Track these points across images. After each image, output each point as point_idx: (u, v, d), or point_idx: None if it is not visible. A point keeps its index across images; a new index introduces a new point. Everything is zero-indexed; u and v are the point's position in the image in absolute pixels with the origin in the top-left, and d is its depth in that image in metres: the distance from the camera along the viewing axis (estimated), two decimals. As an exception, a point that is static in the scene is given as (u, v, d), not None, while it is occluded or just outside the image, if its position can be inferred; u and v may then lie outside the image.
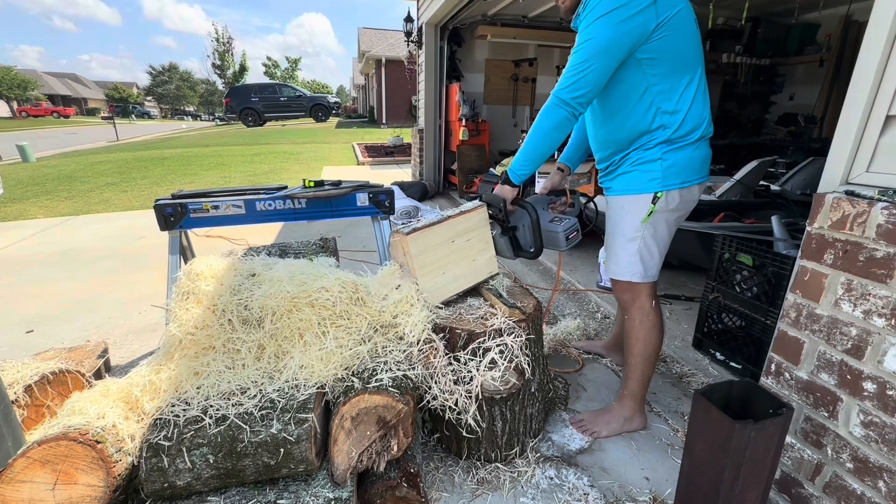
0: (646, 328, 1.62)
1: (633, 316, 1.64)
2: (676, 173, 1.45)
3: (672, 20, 1.31)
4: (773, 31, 4.98)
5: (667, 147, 1.44)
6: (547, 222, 1.70)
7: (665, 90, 1.39)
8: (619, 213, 1.57)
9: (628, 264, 1.57)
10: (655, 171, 1.46)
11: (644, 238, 1.53)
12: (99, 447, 1.07)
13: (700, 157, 1.48)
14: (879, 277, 1.03)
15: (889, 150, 1.06)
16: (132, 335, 2.47)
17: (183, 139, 17.02)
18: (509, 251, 1.73)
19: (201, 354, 1.34)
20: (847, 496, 1.14)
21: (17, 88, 37.32)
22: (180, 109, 60.23)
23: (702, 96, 1.44)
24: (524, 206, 1.65)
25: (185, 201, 1.98)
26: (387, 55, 19.30)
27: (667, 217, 1.52)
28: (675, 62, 1.37)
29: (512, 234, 1.70)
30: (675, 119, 1.41)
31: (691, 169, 1.47)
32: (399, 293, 1.46)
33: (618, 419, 1.71)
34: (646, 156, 1.46)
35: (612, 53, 1.31)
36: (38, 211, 5.43)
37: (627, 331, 1.66)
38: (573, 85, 1.36)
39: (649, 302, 1.62)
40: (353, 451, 1.19)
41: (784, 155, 4.04)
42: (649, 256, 1.56)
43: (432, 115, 6.27)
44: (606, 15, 1.28)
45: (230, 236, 3.93)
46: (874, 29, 1.05)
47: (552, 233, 1.68)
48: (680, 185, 1.47)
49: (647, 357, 1.65)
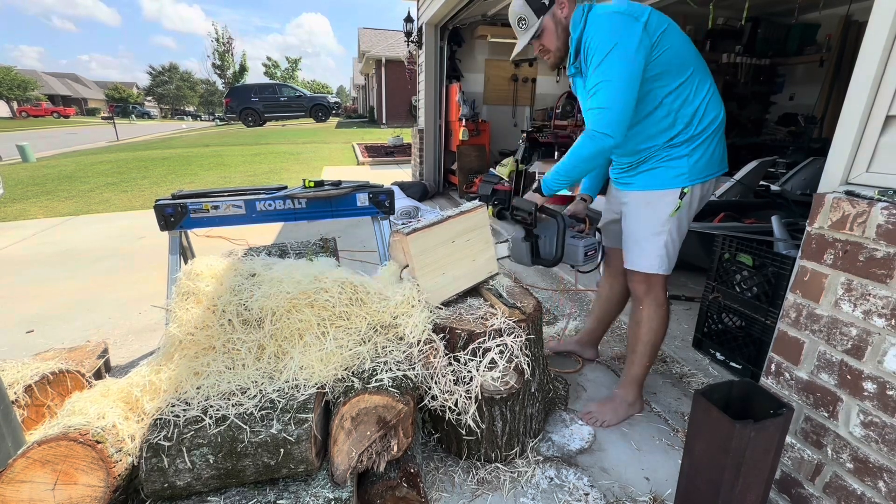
0: (658, 318, 1.68)
1: (646, 306, 1.69)
2: (702, 168, 1.51)
3: (663, 36, 1.39)
4: (773, 31, 4.97)
5: (693, 143, 1.49)
6: (569, 236, 1.73)
7: (680, 97, 1.46)
8: (645, 208, 1.60)
9: (656, 258, 1.61)
10: (682, 166, 1.50)
11: (670, 232, 1.58)
12: (99, 447, 1.07)
13: (720, 150, 1.55)
14: (879, 277, 1.03)
15: (889, 150, 1.06)
16: (132, 335, 2.47)
17: (183, 139, 17.03)
18: (527, 257, 1.75)
19: (201, 355, 1.34)
20: (847, 496, 1.14)
21: (18, 89, 37.30)
22: (180, 109, 60.22)
23: (711, 86, 1.50)
24: (553, 214, 1.68)
25: (185, 201, 1.98)
26: (387, 55, 19.31)
27: (689, 211, 1.58)
28: (681, 70, 1.43)
29: (535, 240, 1.73)
30: (696, 116, 1.47)
31: (713, 162, 1.53)
32: (400, 295, 1.46)
33: (623, 405, 1.78)
34: (673, 153, 1.51)
35: (632, 83, 1.38)
36: (38, 211, 5.43)
37: (637, 320, 1.71)
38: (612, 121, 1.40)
39: (663, 294, 1.68)
40: (353, 452, 1.19)
41: (784, 155, 4.03)
42: (673, 250, 1.62)
43: (432, 115, 6.27)
44: (610, 53, 1.35)
45: (230, 236, 3.93)
46: (874, 29, 1.05)
47: (572, 246, 1.71)
48: (703, 179, 1.53)
49: (655, 345, 1.72)
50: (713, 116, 1.49)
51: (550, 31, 1.53)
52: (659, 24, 1.39)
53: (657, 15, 1.41)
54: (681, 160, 1.50)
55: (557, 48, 1.56)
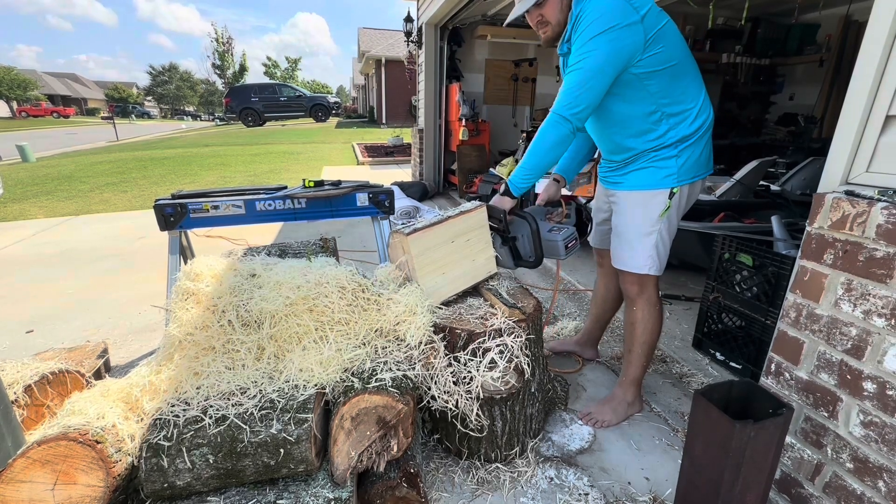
0: (652, 319, 1.69)
1: (639, 307, 1.69)
2: (689, 169, 1.51)
3: (660, 33, 1.37)
4: (773, 31, 4.98)
5: (682, 145, 1.48)
6: (546, 232, 1.72)
7: (671, 98, 1.45)
8: (634, 208, 1.60)
9: (647, 258, 1.61)
10: (671, 167, 1.50)
11: (660, 232, 1.58)
12: (99, 447, 1.07)
13: (707, 152, 1.56)
14: (879, 277, 1.03)
15: (889, 150, 1.06)
16: (132, 335, 2.47)
17: (183, 139, 17.02)
18: (510, 261, 1.75)
19: (201, 355, 1.34)
20: (847, 496, 1.14)
21: (18, 88, 37.30)
22: (180, 109, 60.19)
23: (702, 88, 1.50)
24: (523, 216, 1.67)
25: (185, 201, 1.98)
26: (387, 55, 19.30)
27: (678, 211, 1.58)
28: (674, 70, 1.42)
29: (512, 243, 1.72)
30: (687, 118, 1.47)
31: (700, 164, 1.54)
32: (403, 305, 1.44)
33: (622, 405, 1.79)
34: (662, 153, 1.50)
35: (607, 71, 1.36)
36: (38, 211, 5.43)
37: (632, 321, 1.71)
38: (572, 102, 1.40)
39: (655, 293, 1.68)
40: (352, 452, 1.19)
41: (784, 155, 4.03)
42: (664, 250, 1.62)
43: (432, 115, 6.27)
44: (599, 35, 1.33)
45: (230, 236, 3.93)
46: (874, 29, 1.05)
47: (551, 242, 1.70)
48: (691, 180, 1.53)
49: (651, 345, 1.73)
50: (703, 119, 1.49)
51: (555, 1, 1.45)
52: (658, 20, 1.37)
53: (657, 11, 1.38)
54: (669, 161, 1.49)
55: (558, 22, 1.48)
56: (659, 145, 1.49)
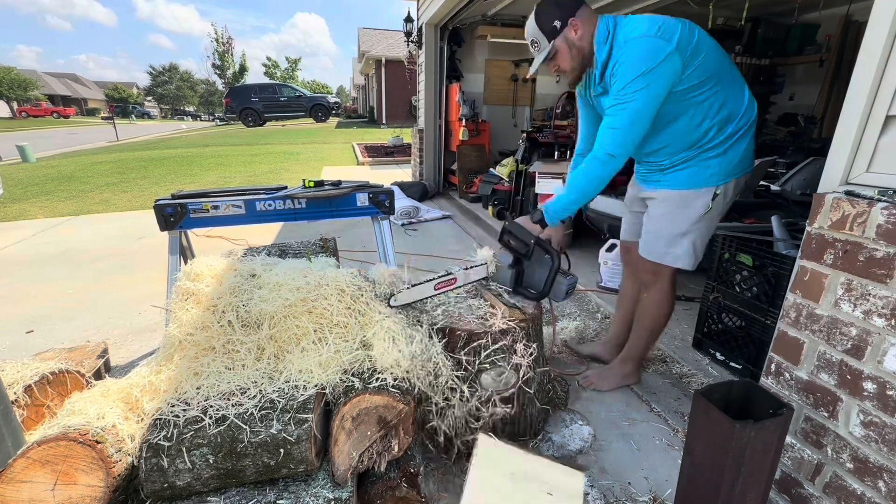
0: (663, 308, 1.77)
1: (651, 294, 1.75)
2: (735, 167, 1.53)
3: (695, 48, 1.38)
4: (773, 31, 4.97)
5: (727, 143, 1.50)
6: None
7: (715, 103, 1.46)
8: (676, 207, 1.60)
9: (683, 254, 1.63)
10: (715, 166, 1.52)
11: (699, 230, 1.60)
12: (99, 447, 1.07)
13: (751, 149, 1.57)
14: (879, 277, 1.03)
15: (889, 150, 1.06)
16: (132, 335, 2.47)
17: (183, 139, 17.03)
18: (510, 283, 1.71)
19: (201, 355, 1.34)
20: (847, 496, 1.14)
21: (18, 89, 37.30)
22: (180, 109, 60.19)
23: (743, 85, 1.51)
24: (549, 251, 1.61)
25: (185, 201, 1.98)
26: (387, 55, 19.30)
27: (720, 209, 1.60)
28: (715, 75, 1.43)
29: (520, 268, 1.69)
30: (732, 118, 1.49)
31: (745, 159, 1.55)
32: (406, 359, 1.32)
33: (618, 376, 1.93)
34: (709, 153, 1.52)
35: (652, 106, 1.40)
36: (38, 211, 5.43)
37: (643, 306, 1.78)
38: (621, 142, 1.45)
39: (670, 285, 1.73)
40: (353, 452, 1.19)
41: (784, 155, 4.03)
42: (701, 246, 1.64)
43: (432, 116, 6.27)
44: (639, 77, 1.36)
45: (230, 236, 3.93)
46: (874, 29, 1.05)
47: (557, 283, 1.65)
48: (735, 176, 1.55)
49: (656, 331, 1.83)
50: (748, 117, 1.51)
51: (563, 53, 1.54)
52: (689, 38, 1.37)
53: (687, 30, 1.38)
54: (714, 160, 1.51)
55: (573, 68, 1.57)
56: (706, 147, 1.51)
